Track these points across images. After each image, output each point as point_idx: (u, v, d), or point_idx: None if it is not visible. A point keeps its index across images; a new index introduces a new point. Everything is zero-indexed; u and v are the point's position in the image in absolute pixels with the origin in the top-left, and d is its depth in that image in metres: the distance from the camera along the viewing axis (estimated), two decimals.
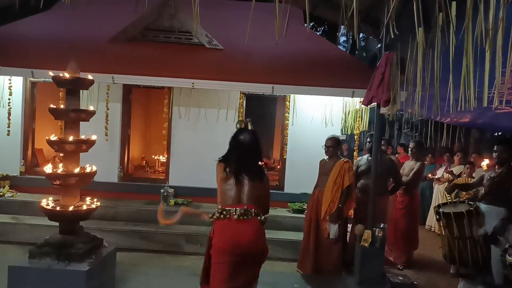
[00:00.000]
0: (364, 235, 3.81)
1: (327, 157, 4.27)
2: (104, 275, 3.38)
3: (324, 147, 4.24)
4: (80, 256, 3.14)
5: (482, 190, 3.77)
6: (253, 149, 2.42)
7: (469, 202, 3.62)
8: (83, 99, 4.16)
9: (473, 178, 4.99)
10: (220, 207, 2.36)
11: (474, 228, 3.27)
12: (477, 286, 3.31)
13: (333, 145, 4.20)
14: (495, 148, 3.59)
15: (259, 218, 2.33)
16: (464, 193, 4.41)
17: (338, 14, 2.00)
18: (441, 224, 3.40)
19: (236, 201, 2.34)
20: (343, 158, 4.22)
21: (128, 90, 6.04)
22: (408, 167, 5.07)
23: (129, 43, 5.74)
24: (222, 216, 2.30)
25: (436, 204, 3.85)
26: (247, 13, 3.61)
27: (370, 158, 4.36)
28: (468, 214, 3.25)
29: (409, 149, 5.21)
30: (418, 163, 4.98)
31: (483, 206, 3.50)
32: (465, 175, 5.98)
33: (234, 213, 2.28)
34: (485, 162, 5.45)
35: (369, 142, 4.56)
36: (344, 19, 1.80)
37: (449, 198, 5.18)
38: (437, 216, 3.45)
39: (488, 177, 3.64)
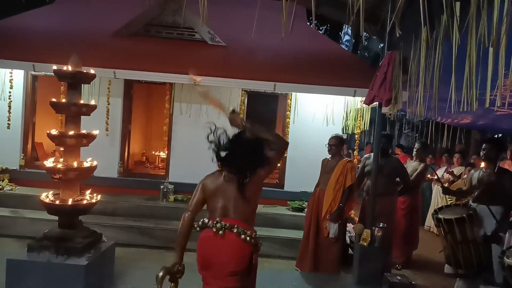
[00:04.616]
0: (363, 234, 3.82)
1: (330, 155, 4.26)
2: (103, 270, 3.39)
3: (327, 145, 4.22)
4: (79, 250, 3.14)
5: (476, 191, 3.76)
6: (248, 157, 2.11)
7: (464, 204, 3.62)
8: (84, 93, 4.16)
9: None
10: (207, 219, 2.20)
11: (475, 230, 3.26)
12: (477, 285, 3.31)
13: (337, 144, 4.18)
14: (483, 146, 3.67)
15: (242, 237, 2.05)
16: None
17: (341, 13, 1.99)
18: (443, 230, 3.37)
19: (222, 215, 2.14)
20: (346, 158, 4.21)
21: (129, 85, 6.03)
22: (411, 167, 5.04)
23: (132, 38, 5.73)
24: (205, 226, 2.17)
25: (433, 210, 3.84)
26: (250, 10, 3.58)
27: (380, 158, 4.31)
28: (468, 218, 3.25)
29: (414, 149, 5.18)
30: (422, 164, 4.94)
31: (478, 207, 3.50)
32: (465, 176, 5.95)
33: (214, 227, 2.10)
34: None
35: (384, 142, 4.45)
36: (350, 18, 1.79)
37: (450, 200, 5.15)
38: (437, 223, 3.43)
39: (479, 178, 3.65)
